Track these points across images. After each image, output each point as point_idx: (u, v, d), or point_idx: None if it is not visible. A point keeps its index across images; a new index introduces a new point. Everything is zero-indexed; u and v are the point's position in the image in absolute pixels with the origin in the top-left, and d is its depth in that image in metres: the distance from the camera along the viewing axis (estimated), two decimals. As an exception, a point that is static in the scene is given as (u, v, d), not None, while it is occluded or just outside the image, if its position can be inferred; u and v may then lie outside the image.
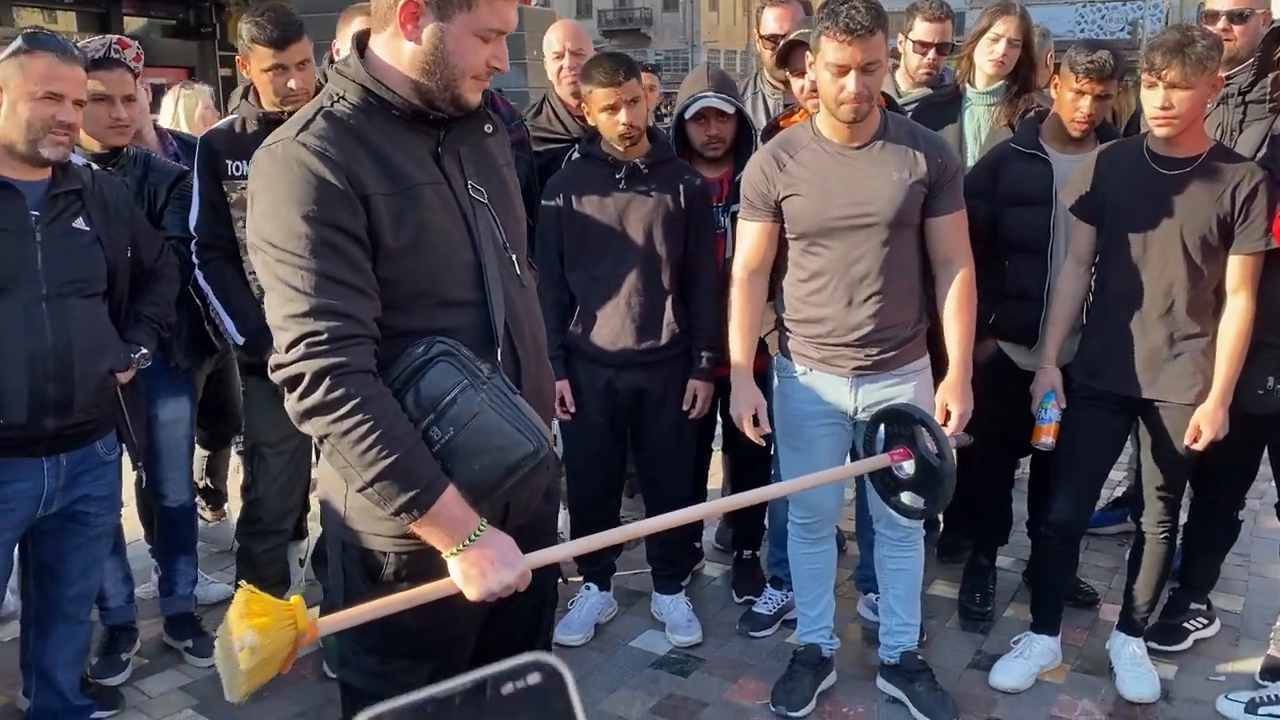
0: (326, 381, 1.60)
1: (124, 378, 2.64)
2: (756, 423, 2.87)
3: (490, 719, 0.44)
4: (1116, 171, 2.94)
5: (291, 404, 1.63)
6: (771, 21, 3.64)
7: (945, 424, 2.79)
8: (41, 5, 17.94)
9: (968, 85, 3.61)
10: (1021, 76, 3.53)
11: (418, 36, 1.69)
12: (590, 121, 3.24)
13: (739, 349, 2.89)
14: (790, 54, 3.06)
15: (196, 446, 3.63)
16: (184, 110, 4.51)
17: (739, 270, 2.90)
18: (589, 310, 3.23)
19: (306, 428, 1.64)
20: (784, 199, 2.77)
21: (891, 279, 2.76)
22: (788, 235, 2.83)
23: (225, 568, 3.90)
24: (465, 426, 1.66)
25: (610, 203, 3.16)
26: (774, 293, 2.96)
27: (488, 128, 1.85)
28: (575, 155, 3.38)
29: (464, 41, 1.69)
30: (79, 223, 2.49)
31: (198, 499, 3.66)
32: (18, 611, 3.18)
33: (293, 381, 1.62)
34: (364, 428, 1.60)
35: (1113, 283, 2.95)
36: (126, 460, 2.80)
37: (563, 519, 3.25)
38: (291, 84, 2.98)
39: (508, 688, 0.45)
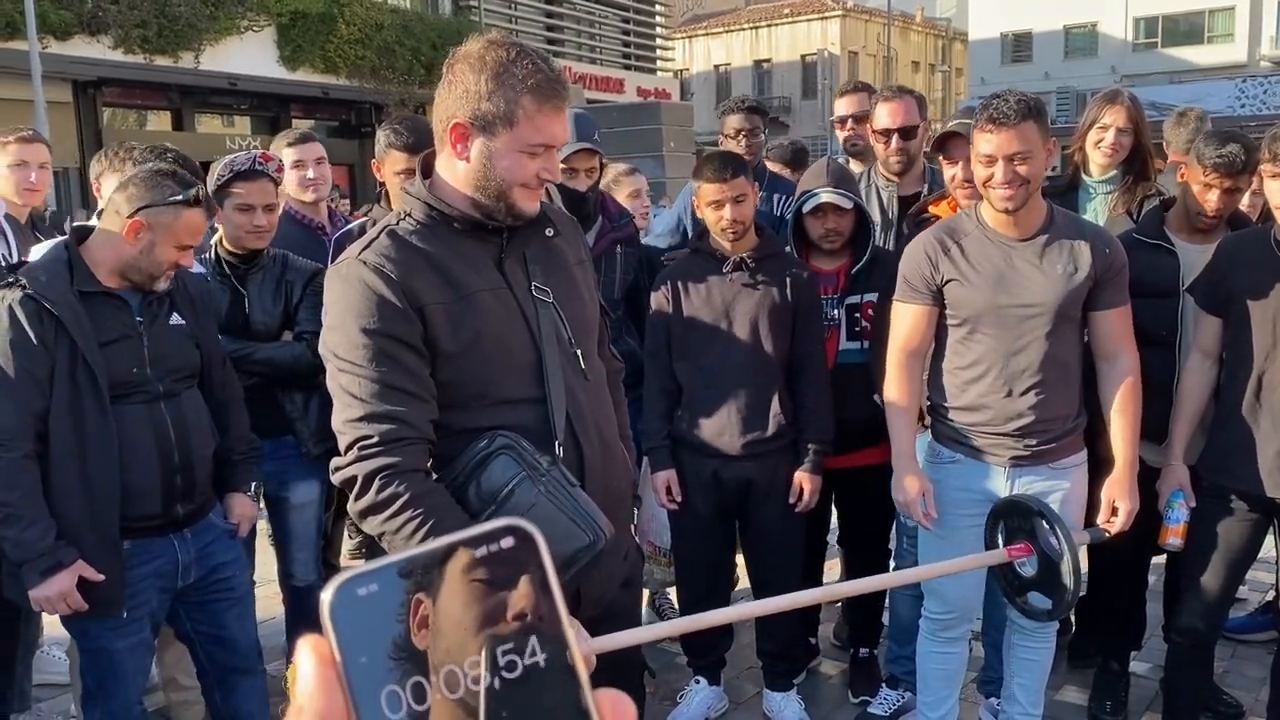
0: (377, 482, 1.70)
1: (246, 520, 2.85)
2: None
3: (464, 579, 0.48)
4: (1242, 262, 2.83)
5: (350, 505, 1.73)
6: (885, 116, 3.66)
7: (1110, 520, 2.76)
8: (220, 111, 19.49)
9: (1084, 174, 3.55)
10: (1136, 164, 3.45)
11: (467, 155, 1.81)
12: (698, 215, 3.32)
13: (900, 433, 2.86)
14: (946, 143, 3.15)
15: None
16: None
17: (896, 352, 2.87)
18: (695, 401, 3.25)
19: (365, 527, 1.74)
20: (946, 283, 2.76)
21: (1052, 370, 2.71)
22: (948, 321, 2.81)
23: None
24: (522, 518, 1.72)
25: (717, 295, 3.21)
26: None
27: (548, 231, 1.94)
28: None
29: (509, 157, 1.79)
30: (174, 319, 2.66)
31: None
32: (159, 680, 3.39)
33: (349, 484, 1.73)
34: (414, 523, 1.69)
35: (1241, 377, 2.82)
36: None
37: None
38: None
39: (480, 550, 0.48)
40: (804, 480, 3.24)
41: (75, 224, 2.65)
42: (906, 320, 2.85)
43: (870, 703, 3.50)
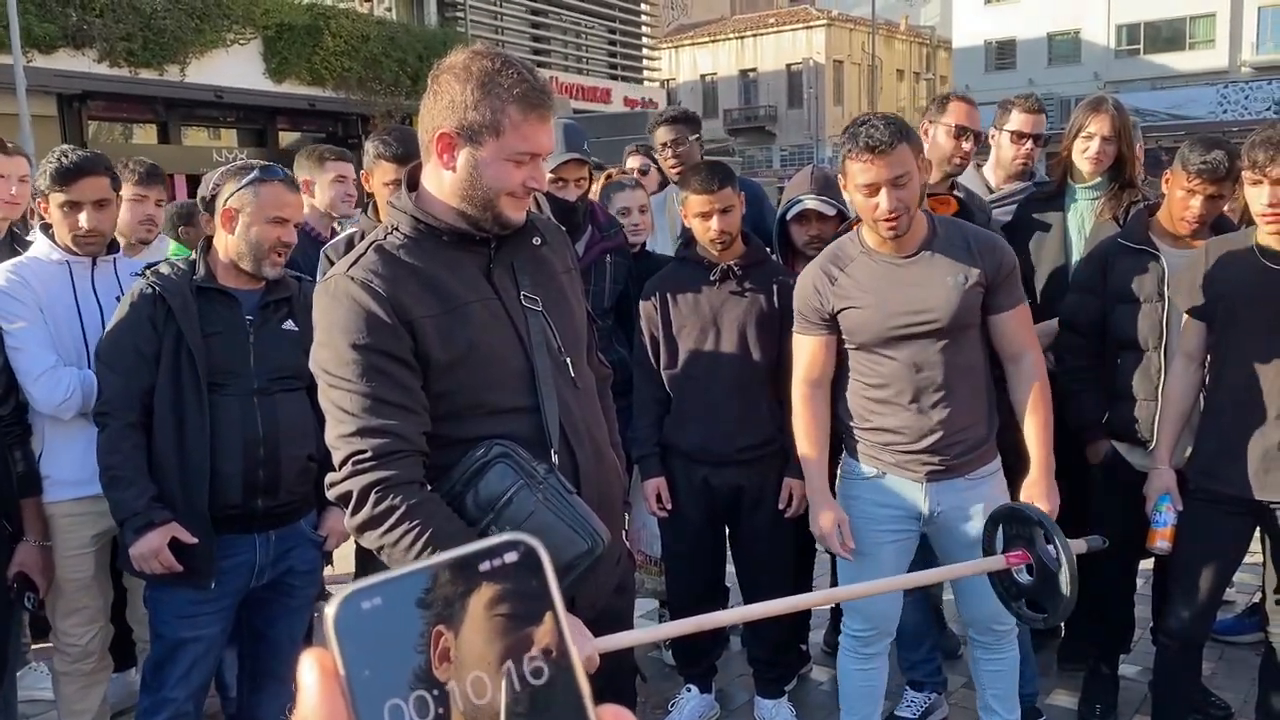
0: (373, 496, 1.70)
1: (336, 535, 2.87)
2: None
3: (469, 594, 0.48)
4: (1226, 268, 2.85)
5: (347, 520, 1.73)
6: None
7: None
8: (206, 124, 19.41)
9: (1070, 180, 3.57)
10: (1122, 171, 3.48)
11: (454, 165, 1.82)
12: (685, 224, 3.33)
13: (812, 463, 2.84)
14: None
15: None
16: None
17: (799, 385, 2.85)
18: (684, 408, 3.27)
19: (364, 542, 1.73)
20: (839, 312, 2.74)
21: (958, 382, 2.70)
22: (847, 346, 2.78)
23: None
24: (521, 525, 1.73)
25: (705, 303, 3.22)
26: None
27: (535, 240, 1.96)
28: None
29: (496, 166, 1.80)
30: (288, 324, 2.75)
31: None
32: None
33: (344, 499, 1.73)
34: (411, 535, 1.69)
35: (1226, 381, 2.84)
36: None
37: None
38: None
39: (484, 565, 0.48)
40: (793, 486, 3.25)
41: (207, 234, 2.80)
42: (806, 351, 2.82)
43: (897, 704, 3.49)
